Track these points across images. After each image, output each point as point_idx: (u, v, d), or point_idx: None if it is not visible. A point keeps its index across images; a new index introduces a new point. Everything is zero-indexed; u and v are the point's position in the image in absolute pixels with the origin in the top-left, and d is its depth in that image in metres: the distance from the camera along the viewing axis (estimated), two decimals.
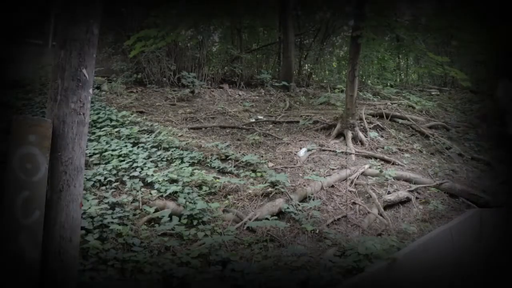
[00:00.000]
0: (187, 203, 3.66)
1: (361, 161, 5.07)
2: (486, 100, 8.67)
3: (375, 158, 5.21)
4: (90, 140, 4.76)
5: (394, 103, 7.67)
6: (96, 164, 4.31)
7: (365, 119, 6.20)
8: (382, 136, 6.00)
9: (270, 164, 4.69)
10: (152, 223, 3.46)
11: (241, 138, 5.59)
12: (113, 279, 2.67)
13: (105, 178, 4.00)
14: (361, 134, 5.73)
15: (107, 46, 8.13)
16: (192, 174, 4.13)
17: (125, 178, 4.05)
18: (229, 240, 3.26)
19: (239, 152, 4.87)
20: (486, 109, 8.03)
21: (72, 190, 2.09)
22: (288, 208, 3.77)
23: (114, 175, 4.09)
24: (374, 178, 4.62)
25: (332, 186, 4.37)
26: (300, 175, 4.49)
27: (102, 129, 5.14)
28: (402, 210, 4.16)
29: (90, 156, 4.42)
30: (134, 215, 3.52)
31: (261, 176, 4.33)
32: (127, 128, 5.13)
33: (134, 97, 7.14)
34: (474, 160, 6.01)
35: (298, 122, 6.35)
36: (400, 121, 6.64)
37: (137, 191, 3.83)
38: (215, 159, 4.58)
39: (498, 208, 4.44)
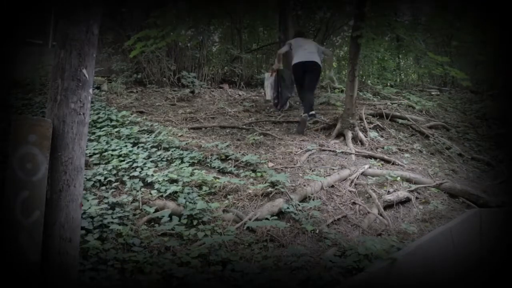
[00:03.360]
0: (187, 203, 3.66)
1: (361, 161, 5.07)
2: (486, 100, 8.68)
3: (375, 158, 5.21)
4: (90, 140, 4.76)
5: (394, 103, 7.67)
6: (96, 164, 4.31)
7: (365, 119, 6.20)
8: (382, 136, 6.00)
9: (270, 164, 4.69)
10: (152, 223, 3.46)
11: (241, 138, 5.59)
12: (113, 279, 2.67)
13: (105, 178, 4.00)
14: (361, 134, 5.73)
15: (107, 46, 8.13)
16: (192, 174, 4.13)
17: (125, 178, 4.05)
18: (229, 240, 3.25)
19: (239, 152, 4.87)
20: (486, 109, 8.04)
21: (72, 190, 2.09)
22: (288, 208, 3.77)
23: (114, 175, 4.09)
24: (374, 178, 4.62)
25: (332, 186, 4.37)
26: (300, 175, 4.49)
27: (102, 129, 5.14)
28: (402, 210, 4.16)
29: (90, 156, 4.43)
30: (134, 215, 3.51)
31: (261, 176, 4.33)
32: (127, 128, 5.13)
33: (134, 97, 7.15)
34: (474, 160, 6.01)
35: (298, 122, 6.36)
36: (400, 121, 6.64)
37: (137, 191, 3.84)
38: (215, 159, 4.58)
39: (498, 208, 4.44)
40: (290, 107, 7.04)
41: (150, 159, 4.44)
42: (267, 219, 3.56)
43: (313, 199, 4.00)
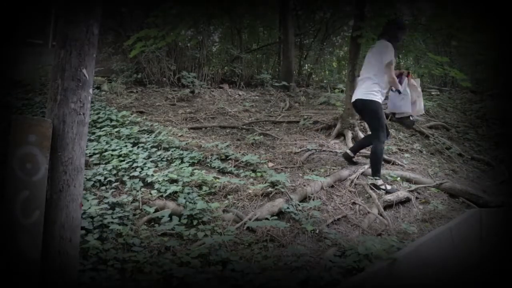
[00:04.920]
0: (187, 203, 3.66)
1: (361, 161, 5.07)
2: (486, 100, 8.68)
3: None
4: (90, 140, 4.76)
5: None
6: (96, 164, 4.31)
7: None
8: None
9: (270, 164, 4.69)
10: (152, 223, 3.46)
11: (241, 138, 5.59)
12: (113, 279, 2.67)
13: (105, 178, 4.00)
14: (361, 134, 5.73)
15: (107, 46, 8.14)
16: (192, 174, 4.13)
17: (125, 178, 4.05)
18: (229, 240, 3.25)
19: (239, 152, 4.88)
20: (486, 109, 8.03)
21: (72, 190, 2.09)
22: (288, 208, 3.77)
23: (114, 175, 4.09)
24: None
25: (332, 186, 4.37)
26: (300, 175, 4.49)
27: (102, 129, 5.14)
28: (402, 210, 4.16)
29: (90, 156, 4.43)
30: (134, 215, 3.51)
31: (261, 176, 4.33)
32: (127, 128, 5.13)
33: (134, 97, 7.15)
34: (474, 160, 6.01)
35: (298, 122, 6.36)
36: None
37: (137, 191, 3.84)
38: (215, 159, 4.58)
39: (498, 208, 4.44)
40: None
41: (150, 159, 4.44)
42: (267, 219, 3.56)
43: (313, 199, 4.00)
